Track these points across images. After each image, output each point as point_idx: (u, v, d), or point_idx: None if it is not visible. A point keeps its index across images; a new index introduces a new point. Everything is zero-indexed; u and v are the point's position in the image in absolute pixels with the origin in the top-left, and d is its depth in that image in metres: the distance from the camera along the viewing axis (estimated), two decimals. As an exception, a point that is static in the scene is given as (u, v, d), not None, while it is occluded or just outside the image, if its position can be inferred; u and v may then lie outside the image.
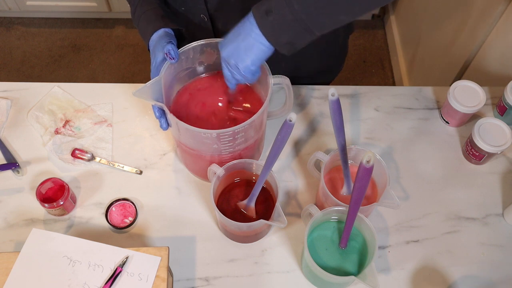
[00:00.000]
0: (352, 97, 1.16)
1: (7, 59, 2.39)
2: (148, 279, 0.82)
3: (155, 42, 0.92)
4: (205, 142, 0.88)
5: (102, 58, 2.40)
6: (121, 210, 0.98)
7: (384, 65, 2.38)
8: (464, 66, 1.61)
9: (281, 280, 0.93)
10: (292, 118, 0.76)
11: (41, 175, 1.03)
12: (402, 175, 1.05)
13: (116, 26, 2.50)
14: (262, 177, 0.87)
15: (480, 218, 1.01)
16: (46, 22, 2.51)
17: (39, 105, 1.12)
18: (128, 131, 1.10)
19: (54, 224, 0.98)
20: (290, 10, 0.72)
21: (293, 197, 1.02)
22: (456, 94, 1.07)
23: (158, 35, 0.92)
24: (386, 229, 0.99)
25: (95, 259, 0.83)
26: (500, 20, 1.39)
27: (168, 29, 0.93)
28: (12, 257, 0.83)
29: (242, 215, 0.94)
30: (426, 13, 1.94)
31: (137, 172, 1.04)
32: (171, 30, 0.94)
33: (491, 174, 1.06)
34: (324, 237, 0.89)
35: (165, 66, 0.89)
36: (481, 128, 1.03)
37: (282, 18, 0.73)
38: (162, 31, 0.93)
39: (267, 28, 0.75)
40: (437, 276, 0.94)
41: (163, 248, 0.85)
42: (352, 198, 0.78)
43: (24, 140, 1.08)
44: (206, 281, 0.92)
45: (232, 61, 0.81)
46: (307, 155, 1.07)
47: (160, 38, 0.91)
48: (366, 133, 1.11)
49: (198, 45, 0.93)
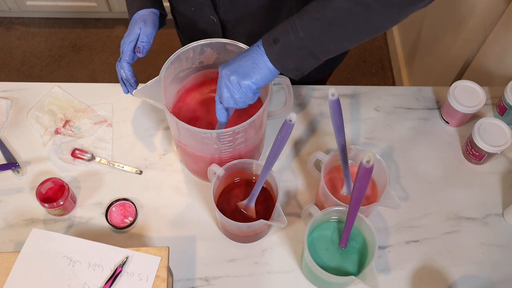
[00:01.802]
0: (352, 97, 1.16)
1: (7, 59, 2.39)
2: (148, 279, 0.82)
3: (136, 19, 0.97)
4: (205, 142, 0.88)
5: (102, 58, 2.40)
6: (121, 210, 0.98)
7: (384, 65, 2.38)
8: (464, 66, 1.61)
9: (281, 280, 0.93)
10: (292, 118, 0.76)
11: (41, 175, 1.03)
12: (402, 175, 1.05)
13: (116, 26, 2.50)
14: (262, 177, 0.87)
15: (480, 218, 1.01)
16: (46, 22, 2.51)
17: (39, 105, 1.12)
18: (128, 131, 1.10)
19: (54, 224, 0.98)
20: (296, 37, 0.75)
21: (293, 197, 1.02)
22: (456, 94, 1.07)
23: (142, 14, 0.96)
24: (386, 229, 0.99)
25: (95, 259, 0.83)
26: (500, 20, 1.39)
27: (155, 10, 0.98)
28: (12, 257, 0.83)
29: (242, 215, 0.94)
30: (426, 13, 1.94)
31: (137, 172, 1.04)
32: (157, 11, 0.98)
33: (491, 174, 1.06)
34: (324, 237, 0.89)
35: (165, 66, 0.89)
36: (481, 128, 1.03)
37: (288, 45, 0.76)
38: (148, 11, 0.96)
39: (273, 55, 0.77)
40: (437, 276, 0.94)
41: (163, 248, 0.85)
42: (352, 198, 0.78)
43: (24, 140, 1.08)
44: (206, 281, 0.92)
45: (233, 78, 0.79)
46: (307, 155, 1.07)
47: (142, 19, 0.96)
48: (366, 133, 1.11)
49: (198, 45, 0.93)
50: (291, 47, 0.76)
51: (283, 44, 0.76)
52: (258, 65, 0.78)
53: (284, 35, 0.76)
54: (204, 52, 0.95)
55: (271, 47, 0.77)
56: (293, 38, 0.75)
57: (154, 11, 0.99)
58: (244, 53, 0.80)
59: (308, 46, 0.75)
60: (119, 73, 0.97)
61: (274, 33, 0.77)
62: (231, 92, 0.80)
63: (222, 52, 0.95)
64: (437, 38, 1.83)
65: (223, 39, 0.92)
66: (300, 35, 0.74)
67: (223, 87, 0.81)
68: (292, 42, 0.75)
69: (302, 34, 0.74)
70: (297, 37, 0.75)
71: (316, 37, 0.74)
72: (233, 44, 0.92)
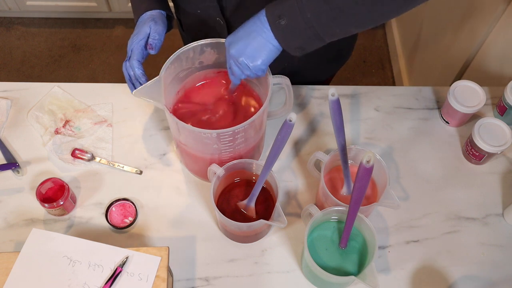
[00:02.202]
0: (352, 97, 1.16)
1: (7, 59, 2.39)
2: (148, 279, 0.82)
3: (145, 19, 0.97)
4: (205, 142, 0.88)
5: (102, 58, 2.40)
6: (121, 210, 0.98)
7: (384, 65, 2.38)
8: (464, 66, 1.61)
9: (281, 280, 0.93)
10: (292, 118, 0.76)
11: (41, 175, 1.03)
12: (402, 175, 1.05)
13: (116, 26, 2.50)
14: (262, 177, 0.87)
15: (480, 218, 1.01)
16: (46, 22, 2.51)
17: (39, 105, 1.12)
18: (128, 131, 1.10)
19: (54, 224, 0.98)
20: (303, 18, 0.74)
21: (293, 197, 1.02)
22: (456, 94, 1.07)
23: (151, 14, 0.97)
24: (386, 229, 0.99)
25: (95, 259, 0.83)
26: (500, 20, 1.39)
27: (163, 11, 0.98)
28: (12, 257, 0.83)
29: (242, 215, 0.94)
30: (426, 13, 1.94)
31: (137, 172, 1.04)
32: (165, 13, 0.99)
33: (491, 174, 1.06)
34: (324, 237, 0.89)
35: (165, 66, 0.89)
36: (481, 128, 1.03)
37: (294, 24, 0.75)
38: (157, 12, 0.96)
39: (279, 32, 0.77)
40: (437, 276, 0.94)
41: (163, 248, 0.85)
42: (352, 198, 0.78)
43: (24, 140, 1.08)
44: (206, 281, 0.92)
45: (242, 59, 0.81)
46: (307, 155, 1.07)
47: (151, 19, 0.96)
48: (366, 133, 1.11)
49: (198, 45, 0.93)
50: (297, 27, 0.75)
51: (289, 22, 0.75)
52: (265, 44, 0.79)
53: (290, 13, 0.75)
54: (204, 52, 0.95)
55: (276, 25, 0.76)
56: (300, 18, 0.74)
57: (162, 13, 0.99)
58: (249, 28, 0.80)
59: (315, 27, 0.74)
60: (127, 73, 0.98)
61: (279, 8, 0.76)
62: (242, 70, 0.84)
63: (222, 52, 0.95)
64: (437, 38, 1.83)
65: (223, 39, 0.92)
66: (308, 15, 0.73)
67: (233, 65, 0.84)
68: (298, 22, 0.74)
69: (309, 15, 0.73)
70: (304, 17, 0.74)
71: (324, 21, 0.74)
72: (233, 44, 0.92)
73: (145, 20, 0.97)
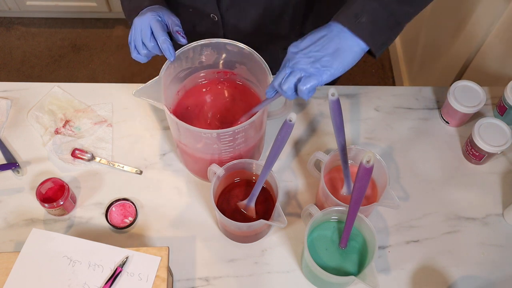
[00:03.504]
0: (352, 97, 1.16)
1: (7, 59, 2.39)
2: (148, 279, 0.82)
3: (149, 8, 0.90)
4: (205, 142, 0.88)
5: (102, 58, 2.40)
6: (121, 210, 0.98)
7: (384, 65, 2.38)
8: (464, 66, 1.61)
9: (281, 280, 0.93)
10: (292, 118, 0.76)
11: (41, 175, 1.03)
12: (402, 175, 1.05)
13: (116, 26, 2.50)
14: (262, 177, 0.87)
15: (480, 218, 1.01)
16: (46, 22, 2.51)
17: (39, 105, 1.12)
18: (128, 131, 1.10)
19: (54, 224, 0.98)
20: (380, 4, 0.71)
21: (293, 197, 1.02)
22: (456, 94, 1.07)
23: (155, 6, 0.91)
24: (386, 229, 0.99)
25: (95, 259, 0.83)
26: (500, 20, 1.39)
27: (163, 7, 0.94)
28: (12, 257, 0.83)
29: (242, 215, 0.94)
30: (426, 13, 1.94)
31: (137, 172, 1.04)
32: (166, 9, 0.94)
33: (491, 174, 1.06)
34: (324, 237, 0.89)
35: (165, 66, 0.89)
36: (481, 128, 1.03)
37: (376, 16, 0.72)
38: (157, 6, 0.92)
39: (363, 31, 0.72)
40: (437, 276, 0.94)
41: (163, 248, 0.85)
42: (352, 198, 0.78)
43: (24, 140, 1.08)
44: (206, 281, 0.92)
45: (318, 65, 0.72)
46: (307, 155, 1.07)
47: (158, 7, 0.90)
48: (366, 133, 1.11)
49: (198, 45, 0.93)
50: (379, 18, 0.71)
51: (369, 17, 0.71)
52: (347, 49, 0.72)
53: (366, 7, 0.71)
54: (204, 52, 0.95)
55: (357, 25, 0.71)
56: (376, 5, 0.70)
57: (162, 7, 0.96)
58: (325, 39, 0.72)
59: (395, 10, 0.71)
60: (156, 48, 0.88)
61: (351, 9, 0.72)
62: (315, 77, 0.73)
63: (222, 52, 0.95)
64: (437, 38, 1.83)
65: (223, 39, 0.92)
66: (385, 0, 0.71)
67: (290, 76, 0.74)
68: (378, 11, 0.71)
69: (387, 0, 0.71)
70: (381, 3, 0.70)
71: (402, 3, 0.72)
72: (233, 44, 0.92)
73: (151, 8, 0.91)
